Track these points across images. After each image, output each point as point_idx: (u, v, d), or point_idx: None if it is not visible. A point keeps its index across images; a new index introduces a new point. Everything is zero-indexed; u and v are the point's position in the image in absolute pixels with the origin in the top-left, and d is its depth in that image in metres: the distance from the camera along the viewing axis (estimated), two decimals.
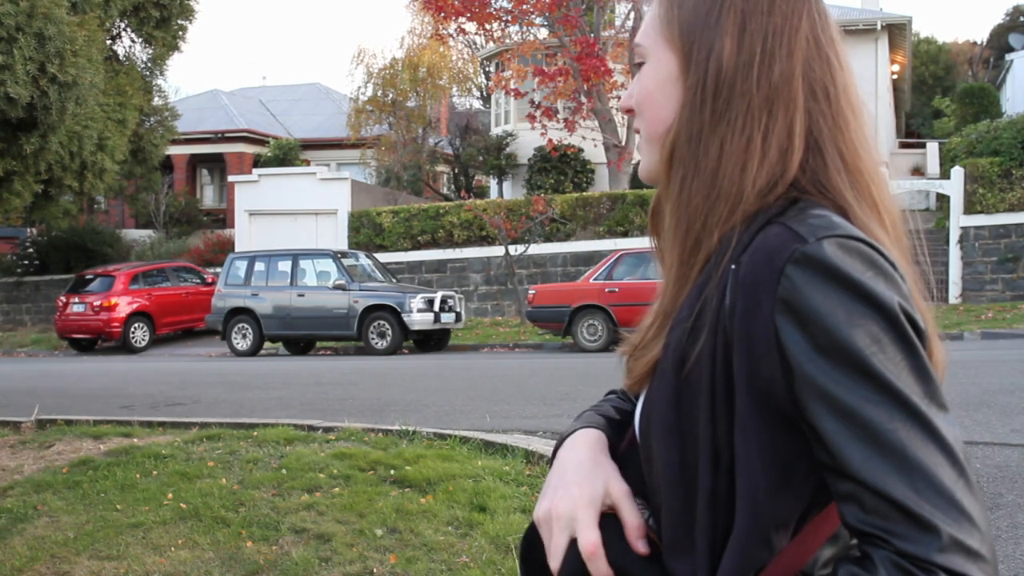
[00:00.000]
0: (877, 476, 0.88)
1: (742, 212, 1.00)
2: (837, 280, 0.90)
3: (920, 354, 0.93)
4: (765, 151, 1.00)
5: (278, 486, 5.63)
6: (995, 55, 38.68)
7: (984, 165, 19.13)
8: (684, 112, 1.03)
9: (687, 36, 1.04)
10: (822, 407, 0.90)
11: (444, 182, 33.05)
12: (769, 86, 1.00)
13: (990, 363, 9.92)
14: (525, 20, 22.84)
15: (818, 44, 1.03)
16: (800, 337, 0.91)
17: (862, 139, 1.03)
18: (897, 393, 0.90)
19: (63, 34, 7.99)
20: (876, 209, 1.01)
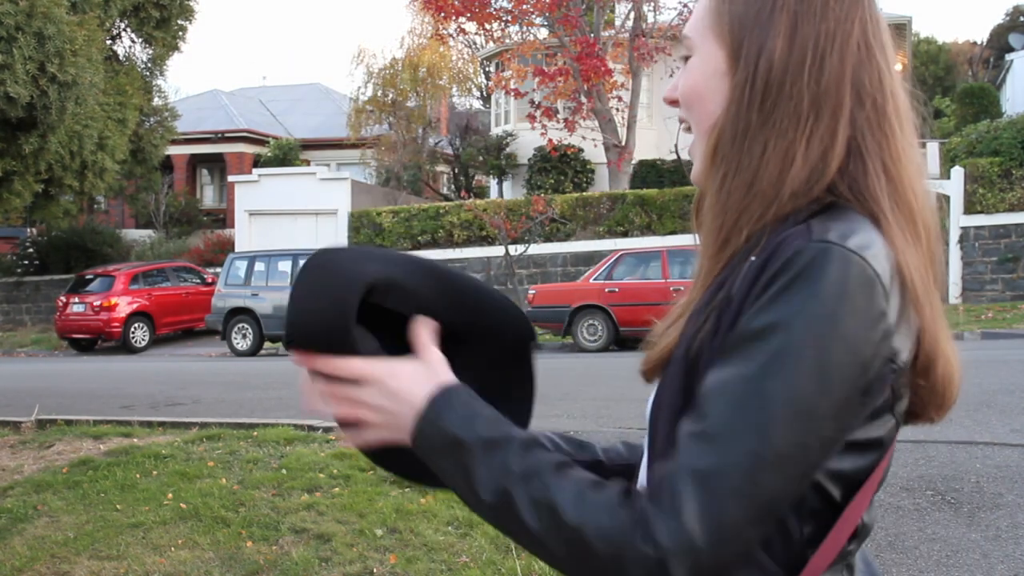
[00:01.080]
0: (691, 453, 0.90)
1: (774, 213, 1.00)
2: (807, 286, 0.91)
3: (829, 395, 0.91)
4: (807, 155, 1.00)
5: (278, 486, 5.63)
6: (995, 55, 38.67)
7: (984, 165, 19.13)
8: (731, 109, 1.03)
9: (737, 32, 1.03)
10: (736, 374, 0.92)
11: (444, 182, 33.05)
12: (818, 90, 1.00)
13: (990, 363, 9.92)
14: (525, 20, 22.83)
15: (869, 50, 1.03)
16: (766, 317, 0.92)
17: (906, 149, 1.03)
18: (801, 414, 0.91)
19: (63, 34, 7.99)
20: (912, 221, 1.01)
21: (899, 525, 4.71)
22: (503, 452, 0.96)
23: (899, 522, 4.75)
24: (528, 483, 0.94)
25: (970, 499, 5.00)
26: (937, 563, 4.26)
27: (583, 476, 0.95)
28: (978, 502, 4.94)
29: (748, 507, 0.90)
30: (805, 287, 0.92)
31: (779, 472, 0.90)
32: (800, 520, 0.98)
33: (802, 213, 0.99)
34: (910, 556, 4.35)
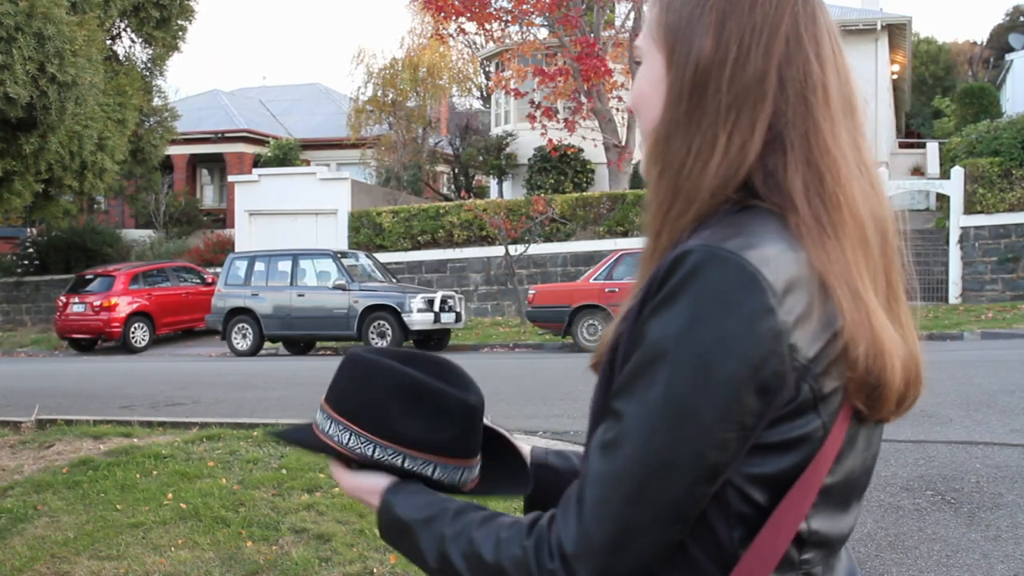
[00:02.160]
0: (592, 459, 0.97)
1: (695, 212, 1.02)
2: (687, 292, 0.94)
3: (713, 397, 0.93)
4: (727, 150, 1.00)
5: (278, 486, 5.63)
6: (995, 55, 38.67)
7: (984, 165, 19.13)
8: (664, 110, 1.05)
9: (672, 37, 1.05)
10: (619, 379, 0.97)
11: (444, 182, 33.04)
12: (741, 85, 1.01)
13: (990, 363, 9.92)
14: (525, 20, 22.83)
15: (799, 42, 1.03)
16: (652, 330, 0.95)
17: (836, 139, 1.02)
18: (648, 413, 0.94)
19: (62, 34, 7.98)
20: (840, 214, 1.00)
21: (899, 525, 4.71)
22: (438, 523, 1.08)
23: (899, 522, 4.75)
24: (458, 542, 1.05)
25: (970, 499, 5.00)
26: (937, 563, 4.26)
27: (502, 522, 1.04)
28: (978, 502, 4.94)
29: (643, 512, 0.94)
30: (682, 293, 0.94)
31: (670, 477, 0.93)
32: (728, 524, 0.98)
33: (719, 212, 1.01)
34: (910, 556, 4.35)
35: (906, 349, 1.03)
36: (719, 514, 0.98)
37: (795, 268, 0.96)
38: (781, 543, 0.99)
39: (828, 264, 0.98)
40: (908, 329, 1.06)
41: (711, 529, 0.98)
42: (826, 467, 1.00)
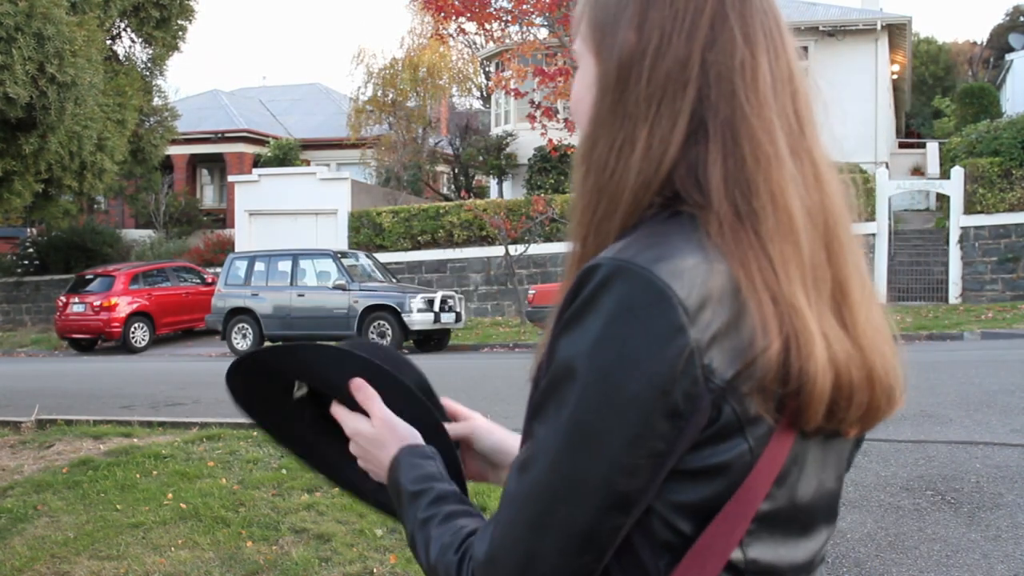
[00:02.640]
0: (510, 479, 0.93)
1: (621, 216, 0.97)
2: (594, 309, 0.89)
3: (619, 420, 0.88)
4: (649, 144, 0.95)
5: (278, 486, 5.63)
6: (995, 55, 38.67)
7: (984, 165, 19.13)
8: (591, 108, 1.01)
9: (599, 33, 1.01)
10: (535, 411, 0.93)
11: (444, 182, 33.04)
12: (662, 73, 0.96)
13: (990, 363, 9.92)
14: (525, 20, 22.83)
15: (724, 21, 0.97)
16: (562, 346, 0.90)
17: (764, 123, 0.95)
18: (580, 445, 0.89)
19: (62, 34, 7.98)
20: (765, 208, 0.93)
21: (899, 525, 4.71)
22: (419, 502, 1.07)
23: (899, 522, 4.75)
24: (423, 531, 1.04)
25: (970, 499, 4.99)
26: (937, 563, 4.26)
27: (458, 524, 1.02)
28: (978, 502, 4.94)
29: (548, 538, 0.90)
30: (590, 310, 0.89)
31: (576, 503, 0.89)
32: (654, 553, 0.93)
33: (644, 221, 0.96)
34: (910, 556, 4.35)
35: (853, 352, 0.95)
36: (645, 542, 0.93)
37: (714, 280, 0.89)
38: (710, 571, 0.93)
39: (748, 270, 0.91)
40: (864, 331, 0.97)
41: (637, 558, 0.93)
42: (761, 493, 0.93)
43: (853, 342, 0.95)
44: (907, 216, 23.41)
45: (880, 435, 6.37)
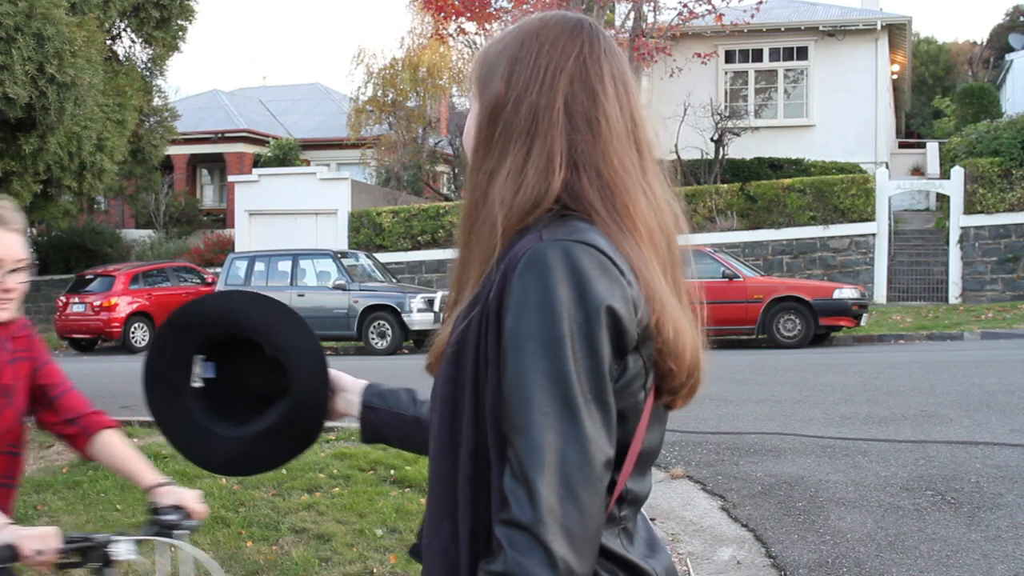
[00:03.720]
0: (521, 449, 1.08)
1: (504, 229, 1.19)
2: (551, 273, 1.09)
3: (599, 355, 1.09)
4: (525, 174, 1.19)
5: (278, 486, 5.63)
6: (995, 55, 38.65)
7: (984, 165, 19.12)
8: (472, 141, 1.28)
9: (480, 83, 1.28)
10: (507, 373, 1.10)
11: (444, 182, 33.03)
12: (530, 117, 1.20)
13: (990, 363, 9.92)
14: None
15: (585, 81, 1.22)
16: (512, 314, 1.11)
17: (622, 162, 1.20)
18: (564, 382, 1.08)
19: (62, 34, 7.98)
20: (631, 219, 1.19)
21: (899, 525, 4.71)
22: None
23: (899, 522, 4.75)
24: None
25: (970, 499, 4.99)
26: (937, 563, 4.26)
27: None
28: (978, 502, 4.94)
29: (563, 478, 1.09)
30: (534, 280, 1.10)
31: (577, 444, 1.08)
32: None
33: (539, 223, 1.17)
34: (910, 556, 4.35)
35: (692, 332, 1.21)
36: None
37: (616, 251, 1.14)
38: (612, 501, 1.16)
39: (631, 252, 1.16)
40: (692, 323, 1.23)
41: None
42: (643, 434, 1.19)
43: (693, 330, 1.22)
44: (907, 216, 23.41)
45: (880, 435, 6.37)
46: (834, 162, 23.19)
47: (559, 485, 1.05)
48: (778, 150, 23.51)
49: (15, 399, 2.28)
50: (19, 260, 2.27)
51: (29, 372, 2.35)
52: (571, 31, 1.24)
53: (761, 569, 4.42)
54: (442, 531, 1.21)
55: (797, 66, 25.15)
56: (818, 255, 19.91)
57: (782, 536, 4.70)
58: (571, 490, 1.06)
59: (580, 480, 1.06)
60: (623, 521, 1.20)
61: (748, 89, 25.32)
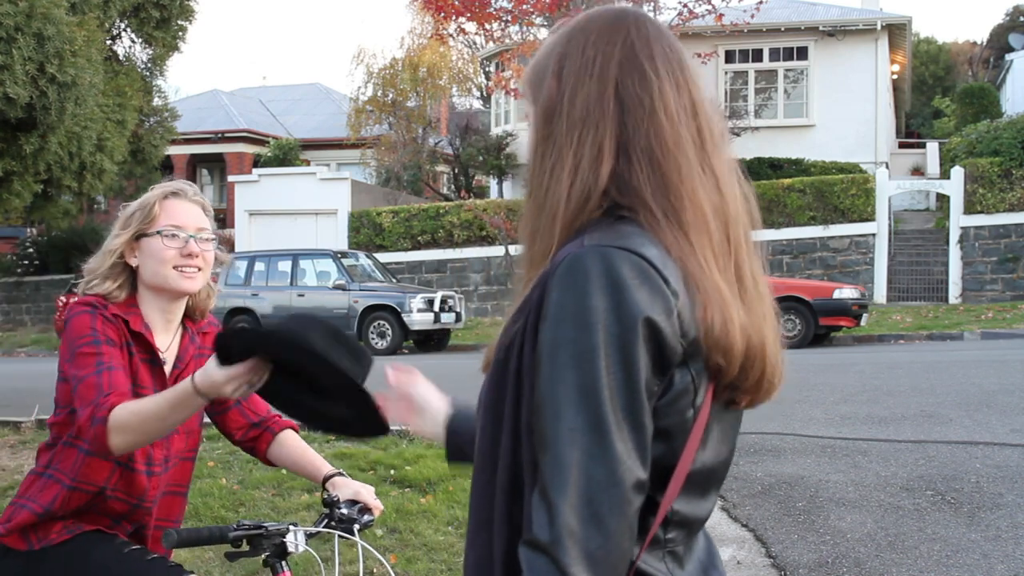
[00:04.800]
0: (545, 465, 1.04)
1: (562, 226, 1.16)
2: (588, 280, 1.05)
3: (635, 370, 1.04)
4: (577, 164, 1.16)
5: (278, 486, 5.63)
6: (995, 55, 38.65)
7: (984, 165, 19.12)
8: (529, 142, 1.26)
9: (532, 86, 1.27)
10: (537, 384, 1.06)
11: (444, 182, 33.02)
12: (579, 110, 1.18)
13: (990, 363, 9.92)
14: (525, 20, 22.83)
15: (633, 63, 1.19)
16: (546, 323, 1.07)
17: (678, 142, 1.16)
18: (594, 397, 1.03)
19: (62, 34, 7.98)
20: (681, 204, 1.14)
21: (899, 525, 4.71)
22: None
23: (899, 522, 4.75)
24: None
25: (970, 499, 4.99)
26: (937, 563, 4.26)
27: None
28: (978, 502, 4.94)
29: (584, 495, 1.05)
30: (570, 287, 1.06)
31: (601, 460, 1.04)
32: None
33: (585, 227, 1.15)
34: (910, 556, 4.35)
35: (749, 323, 1.15)
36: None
37: (667, 260, 1.10)
38: (656, 523, 1.11)
39: (675, 243, 1.12)
40: (754, 311, 1.17)
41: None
42: (693, 454, 1.13)
43: (748, 316, 1.15)
44: (907, 216, 23.41)
45: (880, 435, 6.37)
46: (834, 162, 23.19)
47: (582, 506, 1.01)
48: (778, 150, 23.51)
49: None
50: (200, 228, 2.29)
51: None
52: (615, 19, 1.23)
53: (761, 569, 4.42)
54: (478, 543, 1.17)
55: (797, 66, 25.15)
56: (818, 255, 19.91)
57: (782, 536, 4.70)
58: (595, 512, 1.01)
59: (605, 502, 1.01)
60: (670, 544, 1.14)
61: (748, 89, 25.32)
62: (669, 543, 1.14)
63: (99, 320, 2.13)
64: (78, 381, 2.05)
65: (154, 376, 2.23)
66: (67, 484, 2.16)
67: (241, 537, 2.05)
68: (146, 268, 2.22)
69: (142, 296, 2.25)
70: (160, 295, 2.26)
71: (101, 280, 2.21)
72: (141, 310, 2.24)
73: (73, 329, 2.12)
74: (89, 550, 2.14)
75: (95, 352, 2.08)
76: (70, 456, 2.17)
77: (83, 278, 2.27)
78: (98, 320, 2.13)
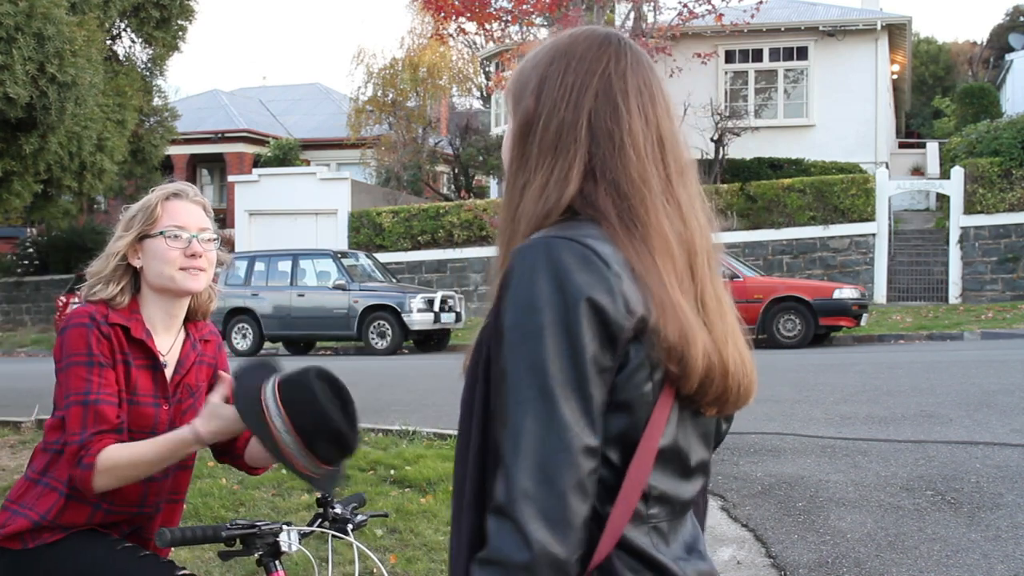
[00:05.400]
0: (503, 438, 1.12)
1: (526, 231, 1.24)
2: (533, 269, 1.13)
3: (579, 346, 1.11)
4: (544, 185, 1.24)
5: (278, 486, 5.63)
6: (995, 55, 38.65)
7: (984, 165, 19.12)
8: (506, 153, 1.33)
9: (513, 99, 1.32)
10: (495, 365, 1.15)
11: (444, 182, 33.03)
12: (552, 133, 1.25)
13: (990, 363, 9.92)
14: (525, 20, 22.83)
15: (608, 96, 1.25)
16: (503, 312, 1.15)
17: (643, 174, 1.23)
18: (542, 371, 1.10)
19: (62, 34, 7.97)
20: (644, 230, 1.20)
21: (899, 525, 4.71)
22: None
23: (899, 522, 4.75)
24: None
25: (970, 499, 4.99)
26: (937, 563, 4.26)
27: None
28: (978, 502, 4.94)
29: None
30: (518, 277, 1.14)
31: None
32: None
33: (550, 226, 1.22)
34: (910, 556, 4.35)
35: (711, 345, 1.22)
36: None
37: (613, 252, 1.17)
38: (634, 498, 1.17)
39: (636, 258, 1.18)
40: (718, 335, 1.24)
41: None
42: (660, 430, 1.19)
43: (711, 337, 1.23)
44: (907, 216, 23.40)
45: (880, 435, 6.37)
46: (834, 162, 23.18)
47: (535, 470, 1.08)
48: (778, 150, 23.50)
49: (198, 401, 2.29)
50: (203, 228, 2.30)
51: (208, 378, 2.37)
52: (598, 46, 1.29)
53: (761, 569, 4.42)
54: (456, 532, 1.22)
55: (797, 66, 25.15)
56: (818, 255, 19.91)
57: (782, 536, 4.70)
58: (547, 475, 1.08)
59: (557, 465, 1.08)
60: (652, 519, 1.21)
61: (748, 89, 25.31)
62: (651, 518, 1.21)
63: (94, 336, 2.13)
64: (66, 400, 2.11)
65: (155, 381, 2.24)
66: (64, 493, 2.16)
67: (234, 536, 2.06)
68: (150, 269, 2.23)
69: (145, 297, 2.26)
70: (164, 295, 2.26)
71: (104, 284, 2.22)
72: (143, 312, 2.25)
73: (69, 342, 2.14)
74: (82, 548, 2.16)
75: (86, 377, 2.11)
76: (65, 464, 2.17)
77: (86, 281, 2.27)
78: (93, 336, 2.13)
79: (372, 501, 5.25)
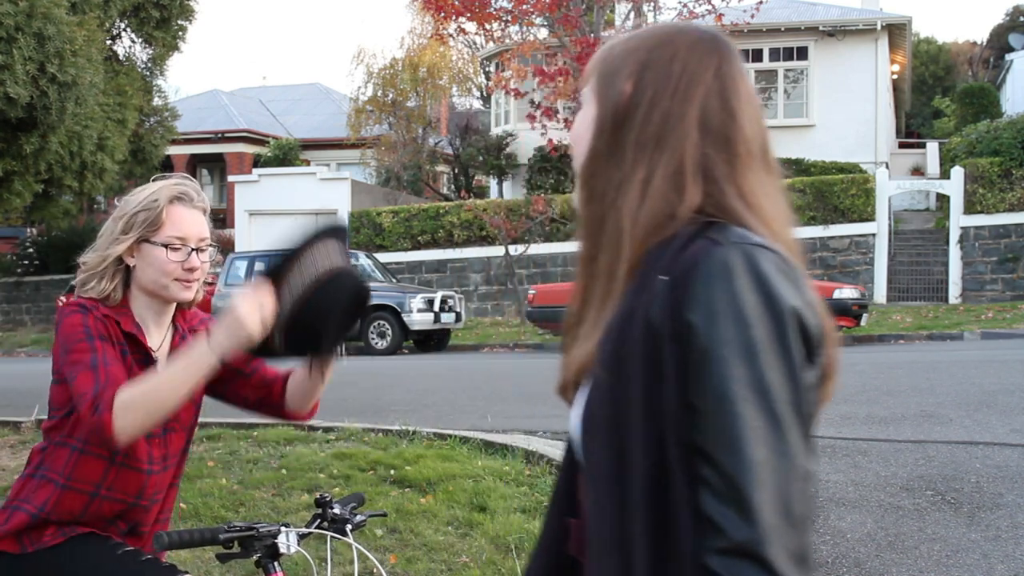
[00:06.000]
0: (732, 466, 1.01)
1: (632, 245, 1.14)
2: (736, 277, 1.05)
3: (794, 362, 1.05)
4: (652, 184, 1.14)
5: (278, 486, 5.63)
6: (995, 55, 38.65)
7: (984, 165, 19.12)
8: (590, 143, 1.21)
9: (602, 82, 1.21)
10: (705, 386, 1.03)
11: (444, 182, 33.03)
12: (661, 125, 1.15)
13: (990, 363, 9.92)
14: (525, 20, 22.82)
15: (723, 97, 1.17)
16: (703, 324, 1.04)
17: (761, 186, 1.18)
18: (768, 393, 1.02)
19: (62, 34, 7.98)
20: (770, 228, 1.16)
21: (899, 525, 4.71)
22: None
23: (899, 522, 4.75)
24: None
25: (970, 499, 4.99)
26: (937, 563, 4.26)
27: None
28: (978, 502, 4.94)
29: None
30: (720, 286, 1.05)
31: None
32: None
33: (690, 229, 1.12)
34: (910, 556, 4.35)
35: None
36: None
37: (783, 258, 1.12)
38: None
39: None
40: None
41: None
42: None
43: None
44: (907, 216, 23.40)
45: (880, 435, 6.37)
46: (834, 162, 23.19)
47: (778, 503, 1.00)
48: (778, 150, 23.15)
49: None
50: (202, 239, 2.27)
51: None
52: (708, 43, 1.20)
53: None
54: (609, 566, 1.10)
55: (797, 66, 25.16)
56: (818, 255, 19.92)
57: None
58: (789, 509, 1.00)
59: (795, 498, 1.01)
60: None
61: None
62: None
63: (91, 318, 2.14)
64: (74, 377, 2.04)
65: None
66: (60, 483, 2.16)
67: (232, 538, 2.05)
68: (145, 274, 2.23)
69: (135, 296, 2.26)
70: (154, 299, 2.27)
71: (98, 280, 2.22)
72: (133, 309, 2.25)
73: (66, 329, 2.14)
74: (83, 552, 2.15)
75: (89, 348, 2.08)
76: (61, 455, 2.17)
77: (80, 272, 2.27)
78: (90, 318, 2.14)
79: (372, 501, 5.25)
